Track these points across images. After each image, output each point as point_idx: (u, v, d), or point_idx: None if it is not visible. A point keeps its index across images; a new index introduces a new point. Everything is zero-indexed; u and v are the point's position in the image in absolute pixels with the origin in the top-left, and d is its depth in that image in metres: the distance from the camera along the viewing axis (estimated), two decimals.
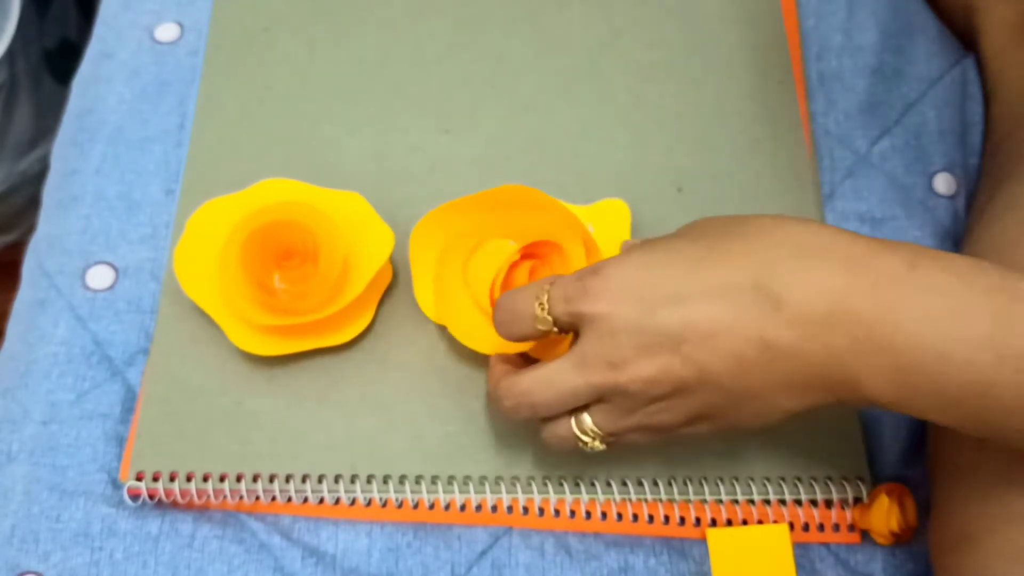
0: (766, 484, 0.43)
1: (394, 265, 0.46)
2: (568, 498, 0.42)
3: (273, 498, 0.42)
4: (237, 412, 0.43)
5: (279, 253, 0.43)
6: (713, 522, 0.43)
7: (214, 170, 0.48)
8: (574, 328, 0.35)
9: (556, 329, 0.35)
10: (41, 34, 0.78)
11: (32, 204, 0.51)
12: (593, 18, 0.53)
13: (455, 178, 0.49)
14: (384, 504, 0.43)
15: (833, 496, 0.43)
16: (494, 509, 0.43)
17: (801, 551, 0.43)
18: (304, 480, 0.42)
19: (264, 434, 0.43)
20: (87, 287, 0.47)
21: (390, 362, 0.44)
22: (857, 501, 0.43)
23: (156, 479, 0.42)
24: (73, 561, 0.41)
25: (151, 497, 0.42)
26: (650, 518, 0.43)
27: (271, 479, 0.42)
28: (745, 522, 0.43)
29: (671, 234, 0.36)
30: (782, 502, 0.43)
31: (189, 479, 0.42)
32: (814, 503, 0.43)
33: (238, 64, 0.51)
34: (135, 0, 0.54)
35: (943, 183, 0.52)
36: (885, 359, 0.30)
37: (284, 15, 0.53)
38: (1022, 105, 0.50)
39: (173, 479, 0.42)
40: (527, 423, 0.39)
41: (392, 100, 0.50)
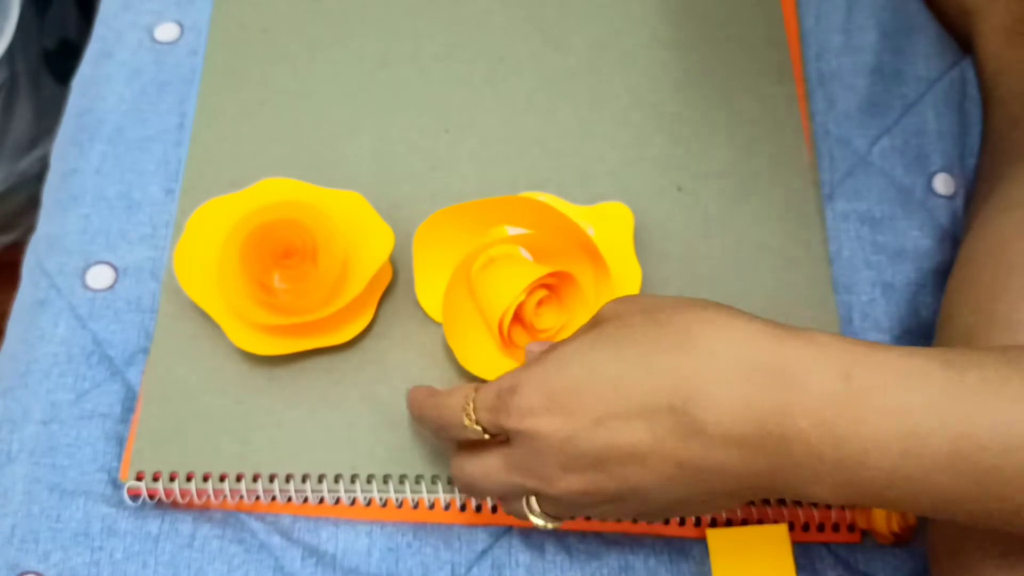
0: None
1: (394, 265, 0.46)
2: None
3: (273, 498, 0.42)
4: (237, 412, 0.43)
5: (279, 252, 0.43)
6: (713, 522, 0.43)
7: (214, 170, 0.48)
8: (505, 435, 0.34)
9: (488, 436, 0.35)
10: (41, 34, 0.78)
11: (32, 204, 0.51)
12: (593, 18, 0.53)
13: (455, 178, 0.49)
14: (384, 504, 0.43)
15: None
16: (494, 509, 0.43)
17: (801, 551, 0.43)
18: (304, 480, 0.42)
19: (264, 434, 0.43)
20: (87, 287, 0.47)
21: (390, 362, 0.44)
22: None
23: (156, 479, 0.42)
24: (73, 561, 0.41)
25: (151, 497, 0.42)
26: None
27: (271, 479, 0.42)
28: (745, 522, 0.43)
29: (586, 334, 0.33)
30: (782, 502, 0.43)
31: (189, 479, 0.42)
32: (814, 503, 0.43)
33: (238, 64, 0.51)
34: (135, 0, 0.54)
35: (942, 183, 0.52)
36: (828, 474, 0.29)
37: (284, 15, 0.53)
38: (1017, 107, 0.50)
39: (173, 479, 0.42)
40: None
41: (392, 100, 0.50)
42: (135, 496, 0.42)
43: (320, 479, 0.42)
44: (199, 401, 0.43)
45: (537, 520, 0.35)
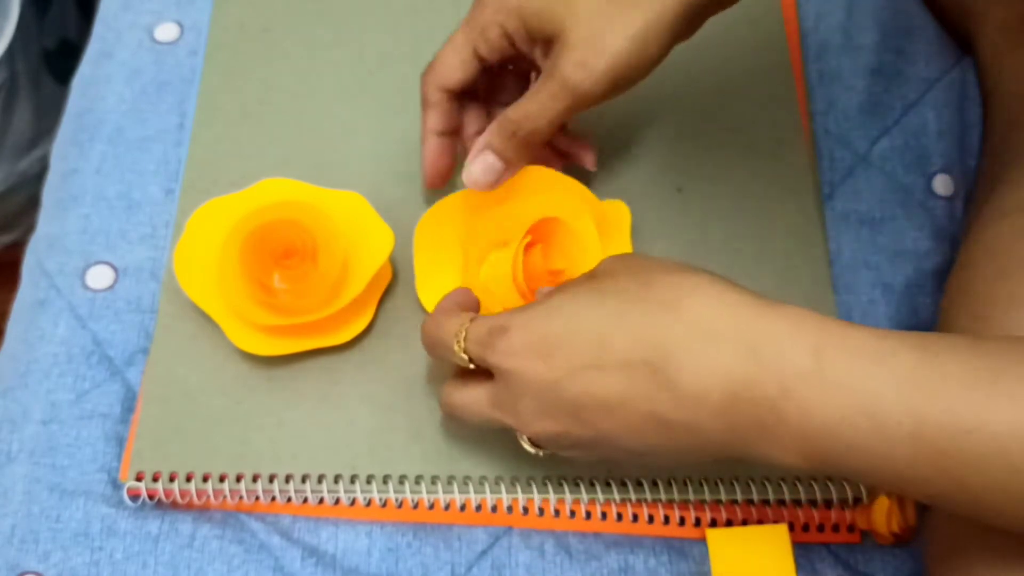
0: (766, 485, 0.43)
1: (394, 265, 0.46)
2: (568, 498, 0.42)
3: (273, 498, 0.42)
4: (237, 412, 0.43)
5: (279, 253, 0.43)
6: (713, 522, 0.43)
7: (214, 170, 0.48)
8: (489, 369, 0.36)
9: (472, 367, 0.36)
10: (41, 34, 0.78)
11: (32, 204, 0.51)
12: None
13: (455, 177, 0.48)
14: (384, 504, 0.43)
15: (833, 496, 0.43)
16: (494, 509, 0.43)
17: (801, 551, 0.43)
18: (304, 480, 0.42)
19: (264, 434, 0.43)
20: (87, 287, 0.47)
21: (390, 362, 0.44)
22: (857, 501, 0.43)
23: (156, 479, 0.42)
24: (73, 561, 0.41)
25: (151, 497, 0.42)
26: (650, 518, 0.43)
27: (271, 479, 0.42)
28: (745, 522, 0.43)
29: (580, 286, 0.35)
30: (782, 502, 0.43)
31: (189, 479, 0.42)
32: (814, 503, 0.43)
33: (238, 64, 0.51)
34: (135, 0, 0.54)
35: (942, 184, 0.52)
36: (793, 442, 0.30)
37: (284, 15, 0.53)
38: (1018, 108, 0.50)
39: (173, 479, 0.42)
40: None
41: (392, 100, 0.50)
42: (135, 496, 0.42)
43: (320, 479, 0.42)
44: (199, 401, 0.43)
45: (526, 446, 0.37)
